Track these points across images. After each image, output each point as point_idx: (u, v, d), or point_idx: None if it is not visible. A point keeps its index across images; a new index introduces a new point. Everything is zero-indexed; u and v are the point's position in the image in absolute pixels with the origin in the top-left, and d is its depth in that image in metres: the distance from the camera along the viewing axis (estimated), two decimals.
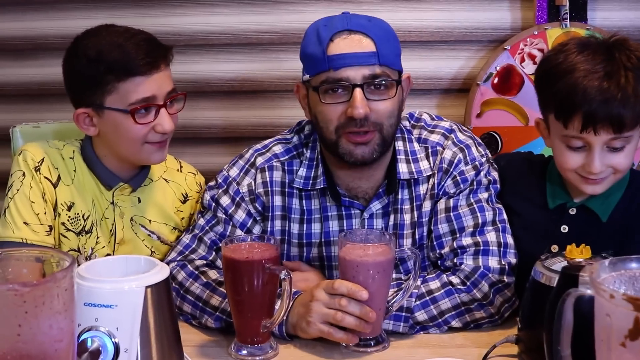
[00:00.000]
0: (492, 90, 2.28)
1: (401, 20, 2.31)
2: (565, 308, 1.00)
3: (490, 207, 1.59)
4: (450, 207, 1.59)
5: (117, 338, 1.11)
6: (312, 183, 1.63)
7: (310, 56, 1.54)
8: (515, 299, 1.52)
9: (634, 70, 1.43)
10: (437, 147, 1.63)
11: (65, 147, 1.73)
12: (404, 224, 1.61)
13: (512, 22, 2.31)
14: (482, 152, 1.65)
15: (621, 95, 1.41)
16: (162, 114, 1.63)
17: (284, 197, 1.64)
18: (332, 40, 1.50)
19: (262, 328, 1.35)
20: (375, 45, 1.50)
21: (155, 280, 1.14)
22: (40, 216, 1.63)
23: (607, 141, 1.45)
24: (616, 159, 1.47)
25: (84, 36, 1.65)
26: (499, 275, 1.50)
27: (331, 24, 1.53)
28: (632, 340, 0.81)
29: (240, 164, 1.68)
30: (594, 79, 1.42)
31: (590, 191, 1.52)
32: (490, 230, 1.55)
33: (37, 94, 2.43)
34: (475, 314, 1.48)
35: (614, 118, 1.41)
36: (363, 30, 1.51)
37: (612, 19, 2.26)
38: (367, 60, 1.49)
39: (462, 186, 1.60)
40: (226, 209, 1.64)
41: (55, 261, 0.92)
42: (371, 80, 1.50)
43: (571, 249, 1.27)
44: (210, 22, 2.36)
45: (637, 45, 1.48)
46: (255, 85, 2.39)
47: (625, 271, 0.90)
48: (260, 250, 1.36)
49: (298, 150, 1.67)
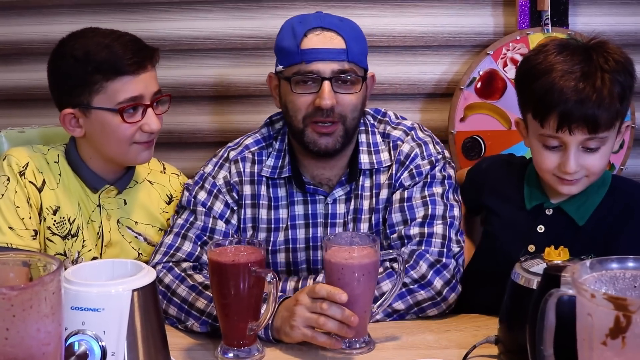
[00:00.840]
0: (475, 95, 2.30)
1: (385, 26, 2.32)
2: (547, 308, 1.01)
3: (443, 201, 1.65)
4: (404, 197, 1.67)
5: (104, 342, 1.11)
6: (279, 172, 1.71)
7: (284, 49, 1.64)
8: (457, 282, 1.58)
9: (611, 72, 1.46)
10: (397, 142, 1.72)
11: (49, 152, 1.73)
12: (363, 209, 1.69)
13: (495, 27, 2.33)
14: (438, 150, 1.72)
15: (596, 96, 1.43)
16: (149, 114, 1.65)
17: (253, 186, 1.72)
18: (306, 36, 1.61)
19: (248, 331, 1.36)
20: (345, 43, 1.61)
21: (142, 283, 1.15)
22: (25, 221, 1.63)
23: (583, 141, 1.47)
24: (590, 160, 1.49)
25: (69, 38, 1.66)
26: (437, 256, 1.57)
27: (306, 20, 1.64)
28: (613, 339, 0.83)
29: (214, 161, 1.76)
30: (571, 79, 1.45)
31: (565, 191, 1.55)
32: (439, 224, 1.62)
33: (22, 99, 2.42)
34: (417, 295, 1.54)
35: (588, 118, 1.44)
36: (335, 28, 1.62)
37: (593, 24, 2.28)
38: (337, 56, 1.60)
39: (417, 179, 1.67)
40: (204, 203, 1.69)
41: (42, 265, 0.92)
42: (339, 74, 1.60)
43: (549, 251, 1.29)
44: (194, 27, 2.36)
45: (615, 48, 1.51)
46: (240, 90, 2.40)
47: (606, 271, 0.92)
48: (246, 253, 1.36)
49: (267, 142, 1.77)
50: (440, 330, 1.51)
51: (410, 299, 1.54)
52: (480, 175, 1.74)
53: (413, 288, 1.54)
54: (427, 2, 2.33)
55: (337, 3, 2.33)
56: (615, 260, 0.92)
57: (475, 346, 1.34)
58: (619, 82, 1.46)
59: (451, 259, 1.59)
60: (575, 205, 1.57)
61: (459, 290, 1.59)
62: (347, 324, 1.35)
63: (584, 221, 1.56)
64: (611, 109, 1.45)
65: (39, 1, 2.36)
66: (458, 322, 1.55)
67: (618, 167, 2.31)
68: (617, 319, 0.82)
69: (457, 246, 1.63)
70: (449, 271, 1.57)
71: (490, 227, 1.68)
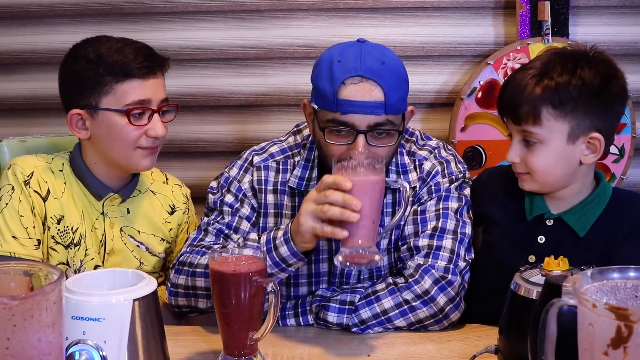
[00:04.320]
0: (476, 105, 2.31)
1: (386, 36, 2.33)
2: (549, 318, 1.01)
3: (455, 217, 1.64)
4: (418, 210, 1.66)
5: (104, 351, 1.11)
6: (306, 184, 1.68)
7: (320, 91, 1.56)
8: (461, 300, 1.56)
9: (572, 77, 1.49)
10: (423, 161, 1.71)
11: (54, 160, 1.74)
12: (384, 224, 1.66)
13: (495, 37, 2.34)
14: (460, 169, 1.72)
15: (526, 89, 1.50)
16: (155, 119, 1.67)
17: (276, 195, 1.70)
18: (343, 84, 1.52)
19: (249, 340, 1.35)
20: (384, 95, 1.53)
21: (143, 293, 1.15)
22: (29, 230, 1.63)
23: (521, 132, 1.54)
24: (529, 155, 1.54)
25: (83, 42, 1.70)
26: (443, 273, 1.55)
27: (346, 61, 1.54)
28: (614, 349, 0.82)
29: (239, 164, 1.74)
30: (522, 71, 1.55)
31: (520, 186, 1.60)
32: (449, 238, 1.61)
33: (23, 108, 2.42)
34: (419, 312, 1.53)
35: (512, 108, 1.53)
36: (375, 77, 1.53)
37: (593, 34, 2.29)
38: (374, 110, 1.53)
39: (434, 194, 1.67)
40: (232, 204, 1.69)
41: (44, 275, 0.92)
42: (375, 127, 1.54)
43: (549, 261, 1.29)
44: (196, 37, 2.37)
45: (603, 60, 1.53)
46: (242, 100, 2.40)
47: (607, 281, 0.92)
48: (247, 263, 1.36)
49: (293, 151, 1.74)
50: (441, 340, 1.50)
51: (412, 317, 1.53)
52: (480, 185, 1.74)
53: (415, 305, 1.52)
54: (428, 12, 2.34)
55: (339, 14, 2.34)
56: (616, 270, 0.92)
57: (475, 356, 1.33)
58: (577, 90, 1.47)
59: (457, 275, 1.57)
60: (576, 216, 1.57)
61: (462, 308, 1.57)
62: (350, 209, 1.37)
63: (585, 232, 1.56)
64: (532, 104, 1.49)
65: (41, 11, 2.37)
66: (460, 332, 1.55)
67: (619, 177, 2.31)
68: (619, 329, 0.81)
69: (464, 263, 1.61)
70: (453, 288, 1.55)
71: (491, 237, 1.68)
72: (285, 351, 1.46)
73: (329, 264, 1.70)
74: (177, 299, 1.61)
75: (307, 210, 1.44)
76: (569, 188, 1.58)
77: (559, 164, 1.53)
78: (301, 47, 2.36)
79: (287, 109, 2.39)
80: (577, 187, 1.58)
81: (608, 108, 1.52)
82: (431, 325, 1.55)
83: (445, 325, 1.55)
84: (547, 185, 1.57)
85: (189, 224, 1.90)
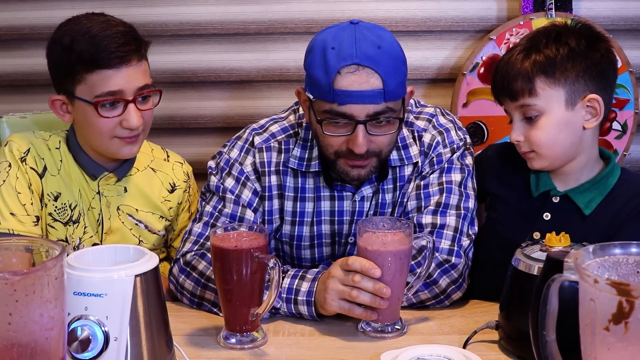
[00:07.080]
0: (478, 80, 2.29)
1: (388, 11, 2.31)
2: (550, 293, 1.01)
3: (459, 190, 1.62)
4: (421, 184, 1.63)
5: (106, 327, 1.11)
6: (307, 165, 1.65)
7: (315, 80, 1.49)
8: (464, 280, 1.55)
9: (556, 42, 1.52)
10: (421, 132, 1.67)
11: (51, 138, 1.73)
12: (386, 202, 1.65)
13: (498, 12, 2.32)
14: (461, 137, 1.68)
15: (515, 65, 1.53)
16: (130, 110, 1.61)
17: (279, 176, 1.66)
18: (339, 73, 1.46)
19: (250, 316, 1.36)
20: (382, 82, 1.46)
21: (145, 269, 1.15)
22: (27, 207, 1.63)
23: (520, 109, 1.54)
24: (533, 131, 1.54)
25: (66, 23, 1.65)
26: (446, 255, 1.54)
27: (340, 47, 1.47)
28: (615, 324, 0.83)
29: (240, 145, 1.68)
30: (509, 52, 1.57)
31: (530, 166, 1.60)
32: (452, 214, 1.58)
33: (23, 84, 2.41)
34: (420, 295, 1.52)
35: (506, 86, 1.54)
36: (372, 65, 1.46)
37: (597, 9, 2.28)
38: (373, 100, 1.47)
39: (436, 166, 1.64)
40: (232, 190, 1.64)
41: (45, 250, 0.92)
42: (374, 116, 1.49)
43: (550, 237, 1.29)
44: (197, 12, 2.35)
45: (584, 29, 1.56)
46: (242, 75, 2.39)
47: (609, 257, 0.92)
48: (248, 239, 1.36)
49: (294, 130, 1.69)
50: (442, 316, 1.51)
51: (414, 298, 1.52)
52: (486, 162, 1.73)
53: (417, 288, 1.49)
54: None
55: None
56: (618, 246, 0.92)
57: (476, 331, 1.34)
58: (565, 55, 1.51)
59: (460, 257, 1.54)
60: (583, 194, 1.57)
61: (465, 288, 1.56)
62: (380, 296, 1.36)
63: (591, 210, 1.56)
64: (528, 77, 1.51)
65: None
66: (461, 309, 1.55)
67: (621, 153, 2.31)
68: (620, 305, 0.81)
69: (468, 239, 1.59)
70: (457, 271, 1.53)
71: (495, 213, 1.67)
72: (287, 327, 1.46)
73: (332, 248, 1.70)
74: (182, 298, 1.58)
75: (334, 289, 1.39)
76: (575, 162, 1.57)
77: (562, 132, 1.53)
78: (302, 22, 2.34)
79: (288, 85, 2.38)
80: (583, 160, 1.58)
81: (598, 68, 1.53)
82: (433, 305, 1.54)
83: (446, 305, 1.55)
84: (555, 159, 1.56)
85: (191, 203, 1.89)
